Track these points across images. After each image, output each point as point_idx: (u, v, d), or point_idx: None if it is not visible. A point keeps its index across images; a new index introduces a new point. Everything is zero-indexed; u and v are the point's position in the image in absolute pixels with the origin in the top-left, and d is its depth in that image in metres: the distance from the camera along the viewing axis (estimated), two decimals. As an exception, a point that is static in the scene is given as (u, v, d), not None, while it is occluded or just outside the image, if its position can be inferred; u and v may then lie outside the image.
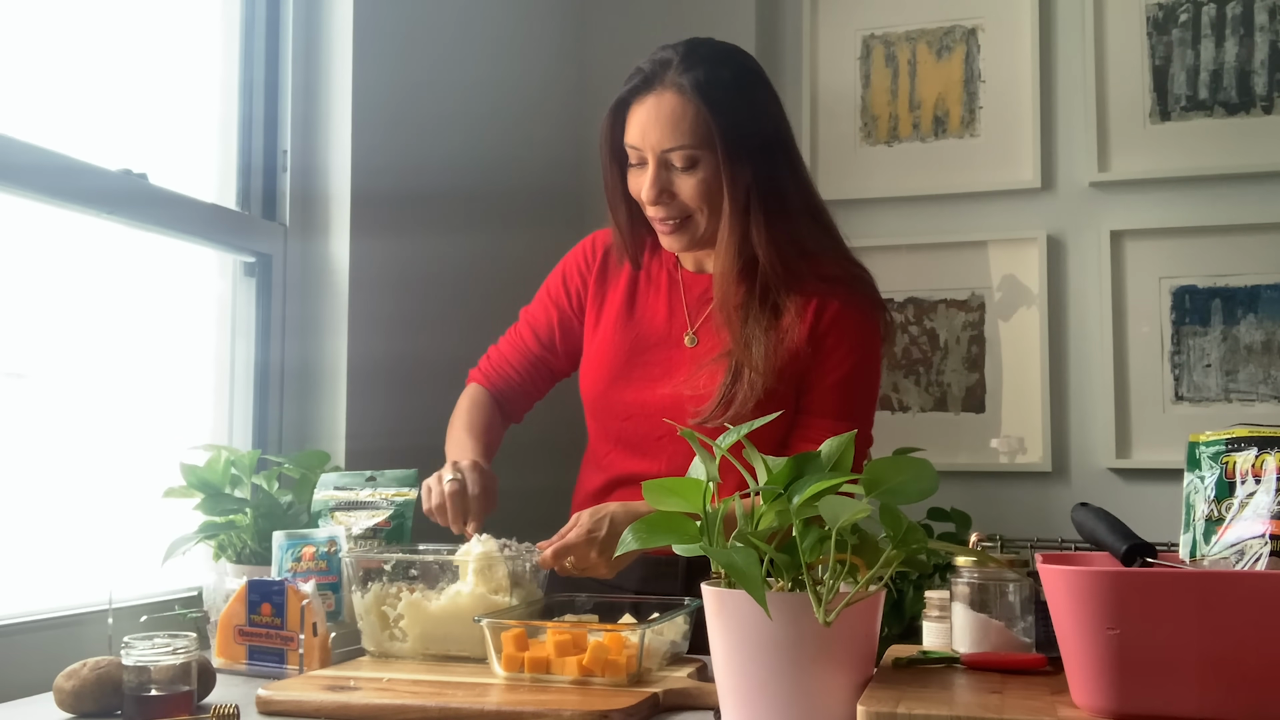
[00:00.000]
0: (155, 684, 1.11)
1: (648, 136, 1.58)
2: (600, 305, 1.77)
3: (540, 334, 1.81)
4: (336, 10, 2.02)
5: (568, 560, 1.46)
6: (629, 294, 1.74)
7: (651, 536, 1.06)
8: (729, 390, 1.59)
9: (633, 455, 1.69)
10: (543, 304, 1.83)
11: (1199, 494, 1.10)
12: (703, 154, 1.58)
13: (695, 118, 1.56)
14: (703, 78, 1.57)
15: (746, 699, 1.02)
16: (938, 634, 1.34)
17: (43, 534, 1.55)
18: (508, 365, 1.83)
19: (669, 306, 1.72)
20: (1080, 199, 2.68)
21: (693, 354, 1.67)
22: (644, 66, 1.61)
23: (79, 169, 1.57)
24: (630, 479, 1.68)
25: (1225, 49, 2.61)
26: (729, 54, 1.64)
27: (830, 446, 1.08)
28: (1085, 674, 0.98)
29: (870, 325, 1.67)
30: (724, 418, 1.56)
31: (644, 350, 1.70)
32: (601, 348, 1.74)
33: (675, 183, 1.60)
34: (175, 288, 1.83)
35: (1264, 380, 2.54)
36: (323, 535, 1.52)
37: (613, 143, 1.66)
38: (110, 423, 1.68)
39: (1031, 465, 2.65)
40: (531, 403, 1.87)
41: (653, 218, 1.65)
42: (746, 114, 1.60)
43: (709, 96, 1.56)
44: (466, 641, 1.39)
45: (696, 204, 1.60)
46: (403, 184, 2.14)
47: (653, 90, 1.59)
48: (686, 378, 1.65)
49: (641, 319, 1.73)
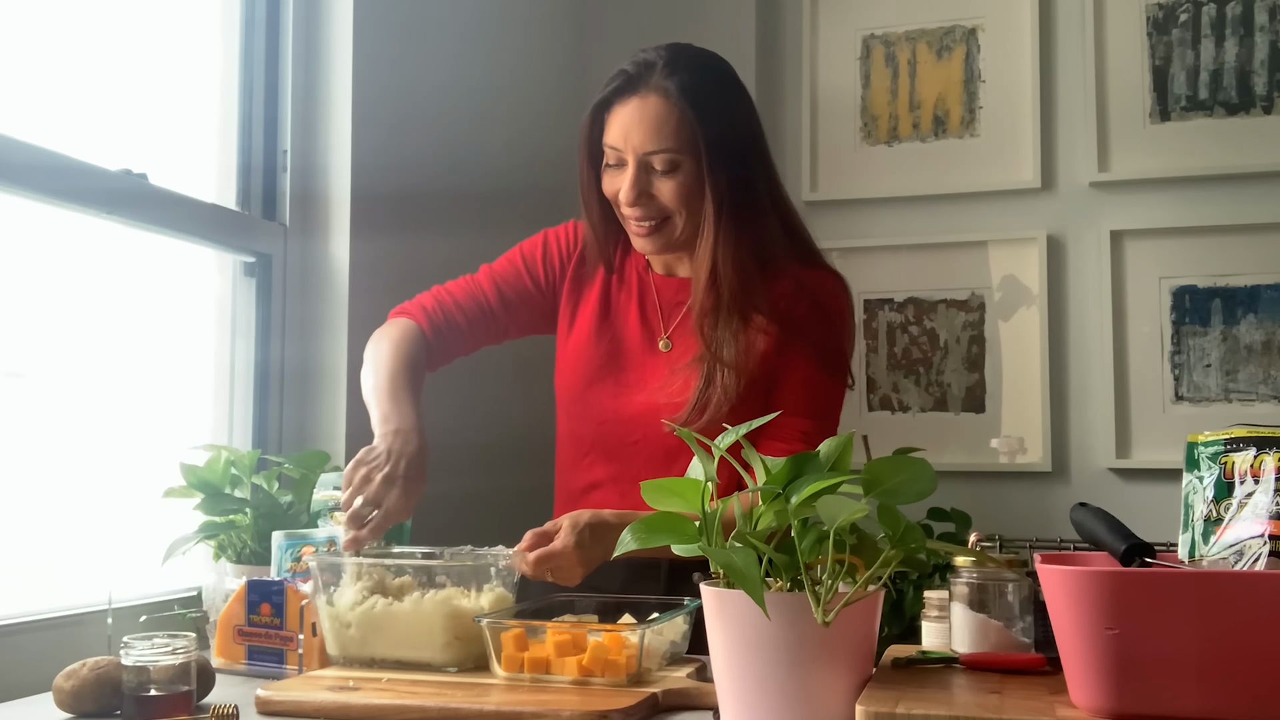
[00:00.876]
0: (155, 684, 1.11)
1: (630, 138, 1.58)
2: (575, 305, 1.75)
3: (506, 294, 1.74)
4: (336, 10, 2.02)
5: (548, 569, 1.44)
6: (603, 296, 1.73)
7: (651, 537, 1.06)
8: (703, 395, 1.59)
9: (608, 460, 1.69)
10: (515, 268, 1.77)
11: (1198, 494, 1.10)
12: (684, 158, 1.57)
13: (680, 122, 1.56)
14: (688, 82, 1.57)
15: (746, 699, 1.03)
16: (937, 634, 1.34)
17: (43, 534, 1.55)
18: (458, 311, 1.72)
19: (641, 311, 1.72)
20: (1080, 199, 2.68)
21: (667, 359, 1.68)
22: (627, 68, 1.60)
23: (79, 169, 1.57)
24: (606, 482, 1.68)
25: (1225, 49, 2.61)
26: (711, 60, 1.65)
27: (829, 447, 1.08)
28: (1084, 674, 0.98)
29: (838, 324, 1.67)
30: (699, 423, 1.56)
31: (619, 355, 1.70)
32: (578, 350, 1.73)
33: (654, 185, 1.60)
34: (175, 288, 1.83)
35: (1264, 380, 2.54)
36: (321, 535, 1.52)
37: (591, 142, 1.65)
38: (110, 423, 1.68)
39: (1031, 465, 2.65)
40: (454, 357, 1.76)
41: (628, 218, 1.64)
42: (729, 121, 1.61)
43: (694, 101, 1.56)
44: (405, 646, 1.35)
45: (675, 206, 1.60)
46: (403, 184, 2.14)
47: (637, 92, 1.58)
48: (661, 384, 1.65)
49: (616, 322, 1.72)
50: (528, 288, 1.75)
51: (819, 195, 2.80)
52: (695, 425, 1.55)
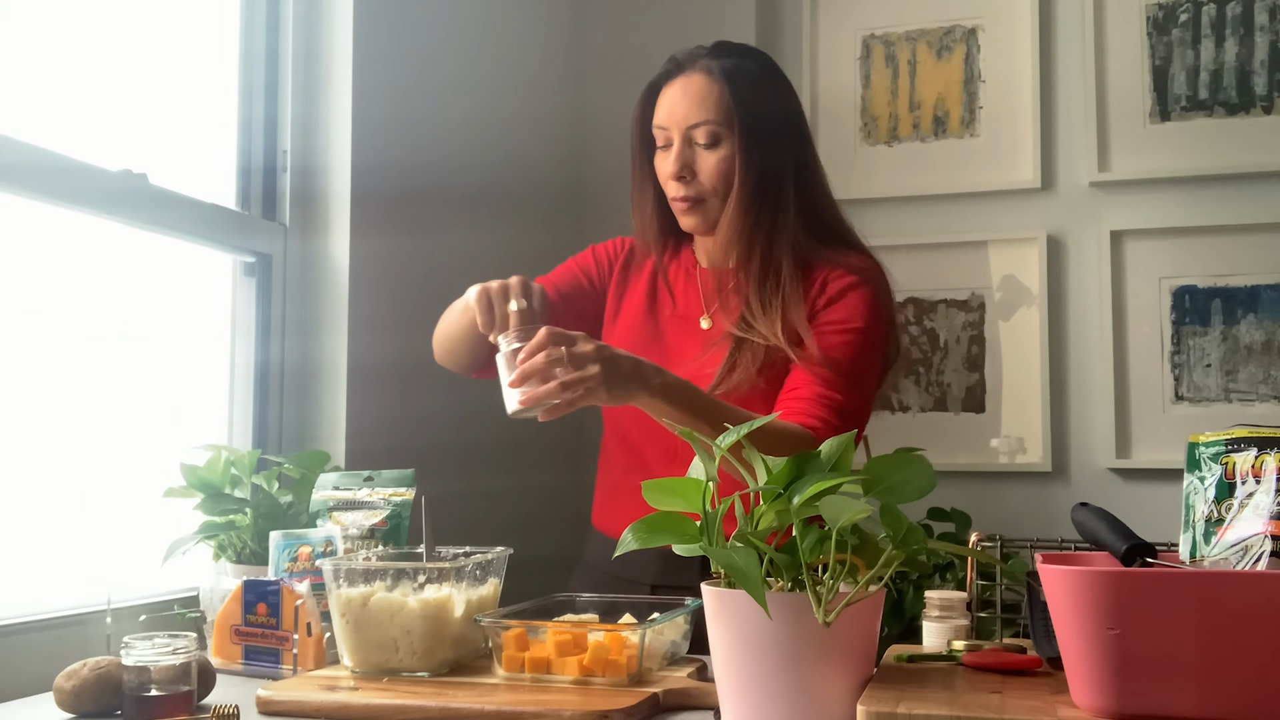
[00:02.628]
0: (155, 684, 1.11)
1: (674, 114, 1.69)
2: (620, 298, 1.83)
3: (563, 289, 1.82)
4: (336, 10, 2.02)
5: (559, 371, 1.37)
6: (650, 290, 1.81)
7: (652, 536, 1.06)
8: (733, 358, 1.65)
9: (651, 439, 1.71)
10: (569, 270, 1.86)
11: (1199, 495, 1.10)
12: (724, 133, 1.67)
13: (720, 97, 1.67)
14: (730, 64, 1.70)
15: (746, 699, 1.02)
16: (938, 634, 1.34)
17: (43, 534, 1.55)
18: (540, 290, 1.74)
19: (686, 298, 1.79)
20: (1080, 199, 2.68)
21: (707, 335, 1.73)
22: (676, 56, 1.73)
23: (79, 169, 1.57)
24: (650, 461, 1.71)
25: (1225, 49, 2.61)
26: (755, 51, 1.78)
27: (830, 447, 1.08)
28: (1085, 674, 0.98)
29: (872, 303, 1.69)
30: (729, 383, 1.63)
31: (662, 336, 1.76)
32: (621, 338, 1.78)
33: (697, 160, 1.69)
34: (175, 288, 1.83)
35: (1264, 380, 2.54)
36: (319, 535, 1.52)
37: (642, 127, 1.76)
38: (110, 423, 1.68)
39: (1031, 465, 2.65)
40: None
41: (672, 197, 1.72)
42: (765, 102, 1.71)
43: (734, 80, 1.68)
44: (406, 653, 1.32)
45: (712, 184, 1.69)
46: (403, 184, 2.14)
47: (683, 73, 1.71)
48: (698, 355, 1.70)
49: (660, 311, 1.79)
50: (582, 284, 1.84)
51: (819, 195, 2.80)
52: (726, 384, 1.63)
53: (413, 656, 1.32)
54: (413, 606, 1.32)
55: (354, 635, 1.33)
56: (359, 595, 1.34)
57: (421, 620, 1.31)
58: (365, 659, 1.33)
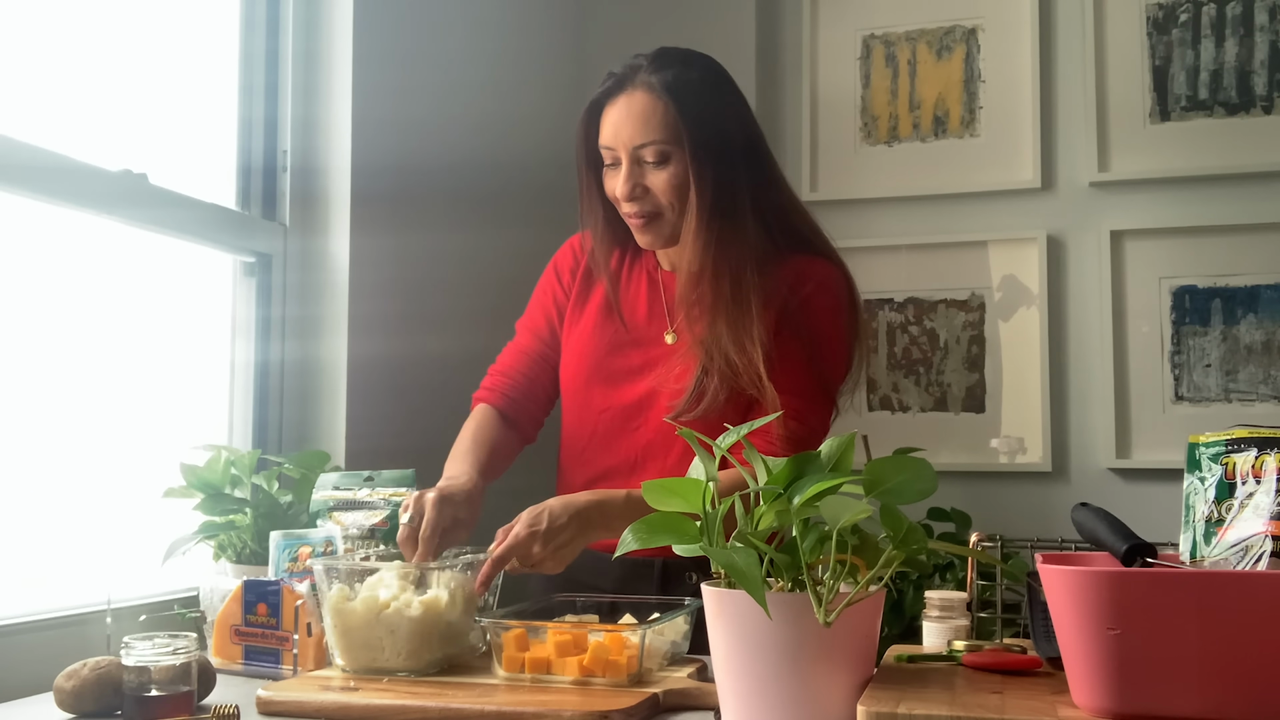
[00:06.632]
0: (155, 684, 1.11)
1: (620, 134, 1.63)
2: (583, 303, 1.79)
3: (540, 332, 1.82)
4: (336, 11, 2.02)
5: (514, 564, 1.45)
6: (610, 292, 1.76)
7: (652, 536, 1.06)
8: (700, 384, 1.62)
9: (608, 450, 1.71)
10: (539, 304, 1.84)
11: (1199, 495, 1.10)
12: (673, 150, 1.62)
13: (665, 114, 1.61)
14: (672, 78, 1.62)
15: (746, 699, 1.02)
16: (938, 634, 1.34)
17: (43, 534, 1.55)
18: (513, 372, 1.80)
19: (649, 306, 1.75)
20: (1080, 199, 2.68)
21: (671, 350, 1.70)
22: (615, 70, 1.66)
23: (79, 169, 1.57)
24: (610, 473, 1.70)
25: (1225, 49, 2.61)
26: (696, 58, 1.69)
27: (830, 447, 1.08)
28: (1085, 674, 0.98)
29: (835, 309, 1.68)
30: (695, 411, 1.60)
31: (624, 346, 1.73)
32: (582, 343, 1.76)
33: (648, 178, 1.64)
34: (175, 288, 1.83)
35: (1264, 380, 2.54)
36: (319, 535, 1.52)
37: (588, 146, 1.71)
38: (110, 423, 1.68)
39: (1031, 465, 2.65)
40: (542, 410, 1.83)
41: (626, 214, 1.68)
42: (713, 114, 1.65)
43: (677, 94, 1.61)
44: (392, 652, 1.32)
45: (667, 200, 1.64)
46: (403, 184, 2.14)
47: (624, 91, 1.64)
48: (661, 372, 1.68)
49: (623, 317, 1.75)
50: (553, 315, 1.82)
51: (819, 195, 2.80)
52: (693, 413, 1.60)
53: (398, 657, 1.31)
54: (397, 607, 1.32)
55: (342, 636, 1.33)
56: (345, 595, 1.34)
57: (407, 621, 1.31)
58: (354, 659, 1.33)
